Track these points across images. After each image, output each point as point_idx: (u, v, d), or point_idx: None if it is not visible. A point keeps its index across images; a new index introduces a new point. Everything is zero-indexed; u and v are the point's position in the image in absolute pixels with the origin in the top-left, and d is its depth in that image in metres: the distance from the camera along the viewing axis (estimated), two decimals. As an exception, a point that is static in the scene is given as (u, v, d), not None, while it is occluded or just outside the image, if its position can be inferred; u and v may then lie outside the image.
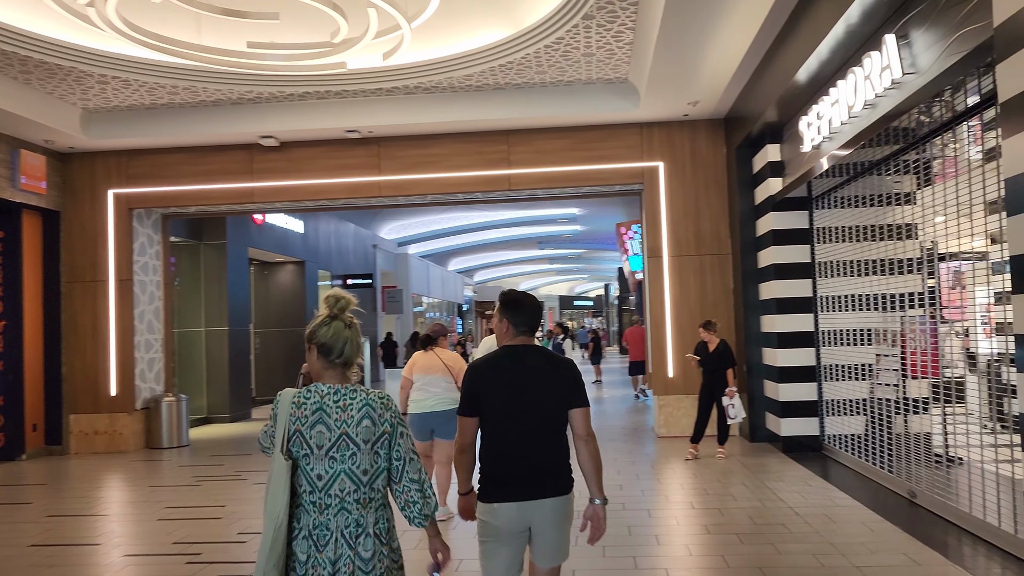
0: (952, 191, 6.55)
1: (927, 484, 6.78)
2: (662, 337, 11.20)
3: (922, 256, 7.61)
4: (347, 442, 2.65)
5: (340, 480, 2.63)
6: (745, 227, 10.51)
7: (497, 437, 3.29)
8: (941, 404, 8.07)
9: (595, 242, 36.59)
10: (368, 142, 11.71)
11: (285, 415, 2.70)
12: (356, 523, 2.63)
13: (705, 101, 10.40)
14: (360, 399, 2.72)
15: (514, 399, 3.28)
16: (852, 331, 8.72)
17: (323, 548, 2.60)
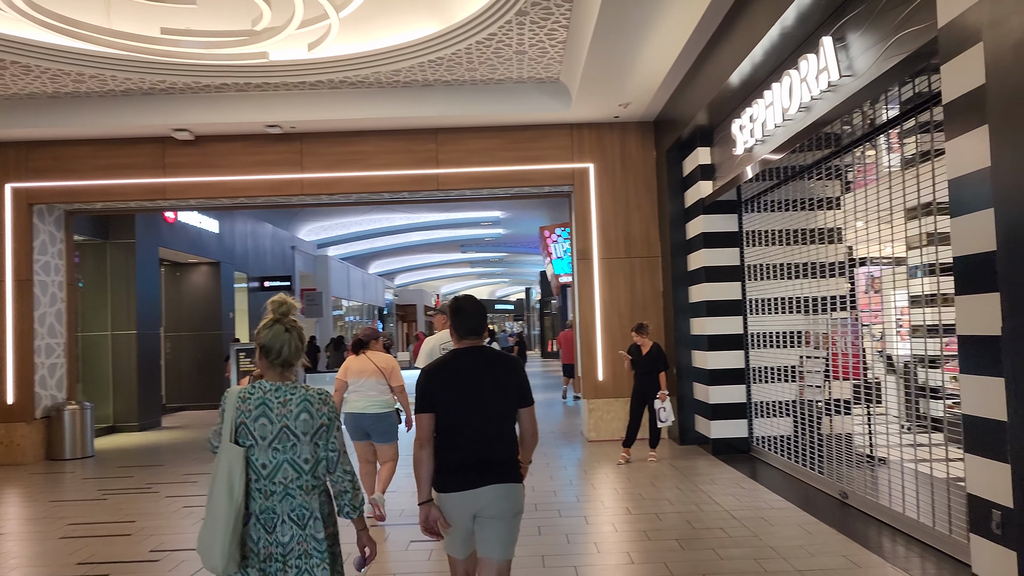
0: (872, 196, 6.67)
1: (857, 484, 6.83)
2: (592, 340, 11.11)
3: (844, 260, 7.74)
4: (288, 434, 2.86)
5: (283, 469, 2.85)
6: (675, 230, 10.52)
7: (450, 433, 3.47)
8: (863, 405, 8.25)
9: (518, 246, 36.54)
10: (290, 138, 11.25)
11: (232, 409, 2.88)
12: (302, 507, 2.86)
13: (636, 103, 10.37)
14: (299, 395, 2.92)
15: (465, 398, 3.47)
16: (780, 334, 8.80)
17: (272, 531, 2.83)
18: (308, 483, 2.88)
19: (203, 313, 18.28)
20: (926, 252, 6.90)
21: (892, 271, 7.66)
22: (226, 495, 2.78)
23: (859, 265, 8.05)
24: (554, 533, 6.29)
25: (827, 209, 8.02)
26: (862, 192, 7.02)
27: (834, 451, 7.66)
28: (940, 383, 6.99)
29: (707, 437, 9.78)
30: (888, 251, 7.34)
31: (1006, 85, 3.30)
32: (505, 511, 3.43)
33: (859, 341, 8.15)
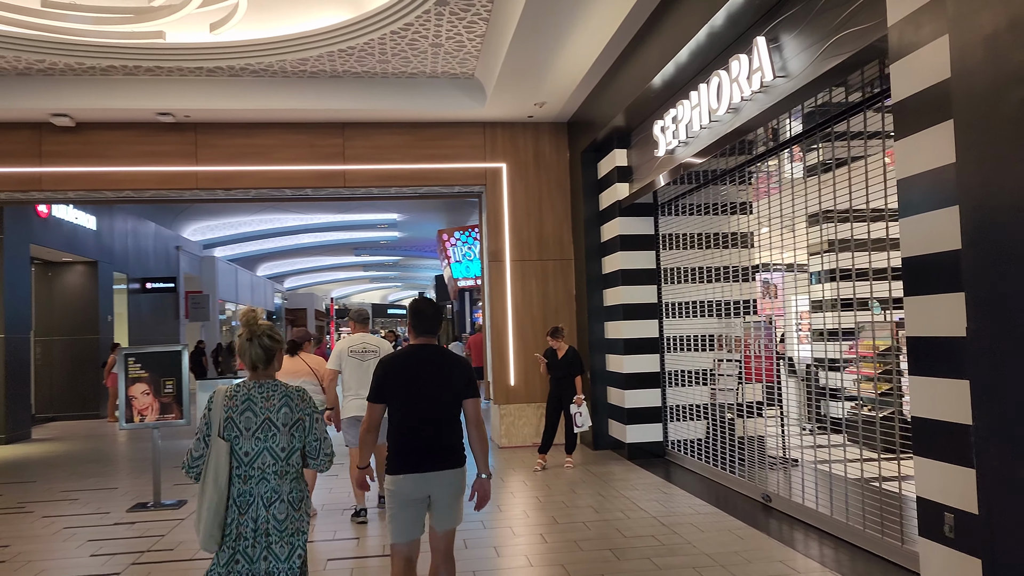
0: (776, 203, 6.75)
1: (779, 487, 6.83)
2: (504, 344, 10.86)
3: (751, 266, 7.82)
4: (269, 425, 3.23)
5: (263, 456, 3.21)
6: (590, 232, 10.40)
7: (402, 421, 3.85)
8: (776, 408, 8.34)
9: (413, 249, 36.02)
10: (184, 127, 10.49)
11: (220, 405, 3.24)
12: (273, 491, 3.20)
13: (552, 103, 10.20)
14: (280, 392, 3.31)
15: (417, 389, 3.84)
16: (694, 337, 8.81)
17: (245, 511, 3.16)
18: (282, 468, 3.25)
19: (79, 316, 16.96)
20: (826, 259, 7.08)
21: (794, 277, 7.81)
22: (212, 482, 3.16)
23: (762, 271, 8.19)
24: (482, 546, 5.97)
25: (738, 214, 8.08)
26: (769, 198, 7.08)
27: (753, 454, 7.68)
28: (841, 386, 7.09)
29: (622, 442, 9.68)
30: (789, 257, 7.46)
31: (975, 80, 3.23)
32: (452, 493, 3.88)
33: (772, 344, 8.25)
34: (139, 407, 7.87)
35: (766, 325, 8.29)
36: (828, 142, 5.90)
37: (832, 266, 6.60)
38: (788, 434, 7.39)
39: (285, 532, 3.20)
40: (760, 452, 7.83)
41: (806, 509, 6.27)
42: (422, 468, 3.79)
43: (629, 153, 9.50)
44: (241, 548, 3.15)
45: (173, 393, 7.86)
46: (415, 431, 3.82)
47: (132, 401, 7.87)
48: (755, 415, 8.35)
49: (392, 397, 3.85)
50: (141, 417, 7.86)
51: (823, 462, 6.84)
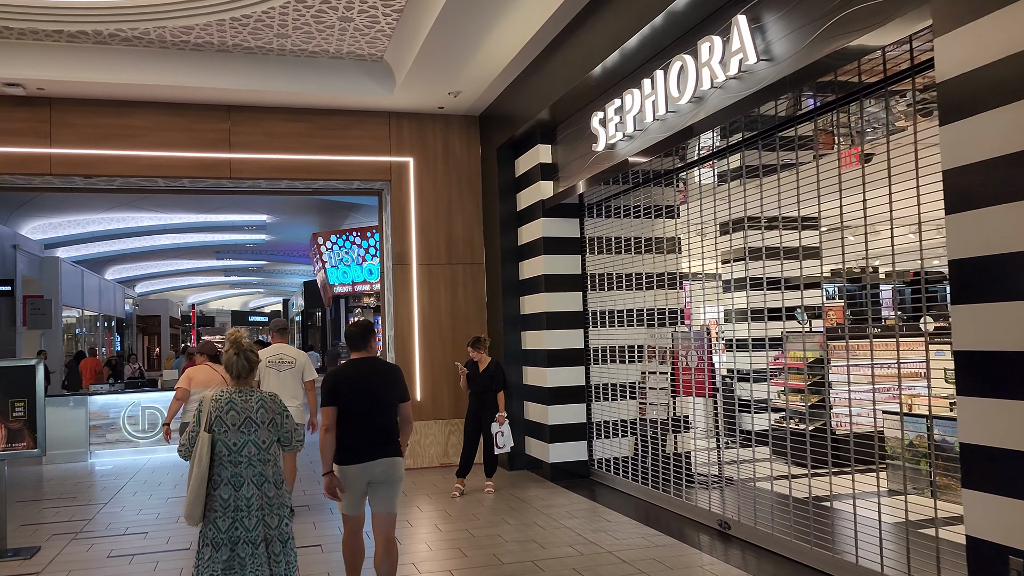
0: (696, 209, 6.29)
1: (736, 511, 6.29)
2: (409, 355, 9.91)
3: (678, 273, 7.40)
4: (250, 422, 3.92)
5: (247, 447, 3.89)
6: (506, 235, 9.64)
7: (349, 420, 4.53)
8: (712, 422, 7.89)
9: (280, 253, 34.18)
10: (36, 102, 8.93)
11: (208, 407, 3.92)
12: (260, 474, 3.89)
13: (467, 93, 9.38)
14: (256, 396, 4.00)
15: (361, 394, 4.57)
16: (622, 348, 8.24)
17: (239, 489, 3.85)
18: (264, 456, 3.91)
19: None
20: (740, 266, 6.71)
21: (717, 285, 7.43)
22: (196, 466, 3.79)
23: (688, 278, 7.77)
24: (421, 598, 5.07)
25: (666, 218, 7.61)
26: (703, 203, 6.63)
27: (693, 473, 7.15)
28: (757, 396, 6.74)
29: (541, 461, 8.97)
30: (708, 264, 7.10)
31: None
32: (392, 477, 4.60)
33: (705, 355, 7.79)
34: (-22, 435, 6.42)
35: (701, 335, 7.82)
36: (783, 144, 5.46)
37: (747, 273, 6.19)
38: (721, 450, 6.92)
39: (274, 505, 3.91)
40: (692, 470, 7.33)
41: (778, 539, 5.73)
42: (366, 458, 4.52)
43: (554, 149, 8.82)
44: (239, 518, 3.82)
45: (24, 417, 6.45)
46: (361, 429, 4.55)
47: (-31, 428, 6.41)
48: (692, 431, 7.90)
49: (343, 401, 4.54)
50: (-19, 448, 6.42)
51: (761, 479, 6.43)
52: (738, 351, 6.76)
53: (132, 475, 9.98)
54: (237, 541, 3.79)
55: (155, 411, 11.69)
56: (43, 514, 7.87)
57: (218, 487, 3.81)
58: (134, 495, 8.72)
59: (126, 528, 7.16)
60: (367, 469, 4.51)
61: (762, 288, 5.94)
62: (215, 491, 3.81)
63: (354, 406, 4.53)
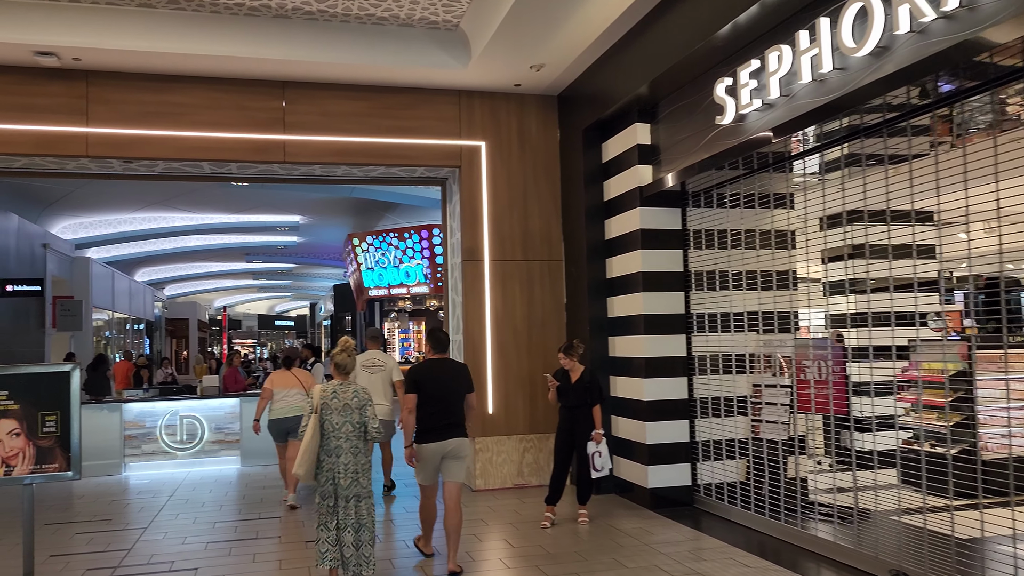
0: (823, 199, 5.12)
1: (908, 557, 5.15)
2: (480, 362, 8.84)
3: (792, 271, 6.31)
4: (348, 407, 5.13)
5: (345, 426, 5.11)
6: (590, 228, 8.55)
7: (426, 407, 5.73)
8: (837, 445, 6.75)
9: (311, 256, 33.39)
10: (72, 75, 7.98)
11: (318, 395, 5.13)
12: (355, 446, 5.13)
13: (550, 67, 8.32)
14: (352, 388, 5.22)
15: (437, 385, 5.77)
16: (733, 356, 7.13)
17: (339, 457, 5.08)
18: (358, 433, 5.17)
19: (-83, 323, 13.74)
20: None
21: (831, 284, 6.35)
22: (311, 439, 5.05)
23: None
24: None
25: (788, 208, 6.54)
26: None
27: (870, 513, 6.01)
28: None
29: (633, 484, 7.86)
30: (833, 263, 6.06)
31: None
32: (460, 453, 5.78)
33: (837, 367, 6.66)
34: (4, 453, 5.42)
35: (831, 343, 6.69)
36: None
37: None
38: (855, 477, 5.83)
39: (363, 471, 5.17)
40: (887, 510, 6.19)
41: None
42: (441, 438, 5.66)
43: (655, 128, 7.72)
44: (337, 479, 5.08)
45: (56, 433, 5.45)
46: (436, 414, 5.70)
47: (-8, 445, 5.41)
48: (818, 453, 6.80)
49: (422, 391, 5.69)
50: (7, 467, 5.42)
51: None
52: (860, 361, 5.76)
53: (171, 492, 8.99)
54: (337, 495, 5.10)
55: (194, 420, 10.72)
56: (75, 541, 6.88)
57: (325, 456, 5.12)
58: (176, 517, 7.72)
59: (172, 562, 6.15)
60: (441, 447, 5.70)
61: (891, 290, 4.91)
62: (322, 458, 5.12)
63: (431, 396, 5.73)
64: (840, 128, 5.55)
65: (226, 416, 10.85)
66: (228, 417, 10.85)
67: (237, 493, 8.86)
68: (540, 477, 8.83)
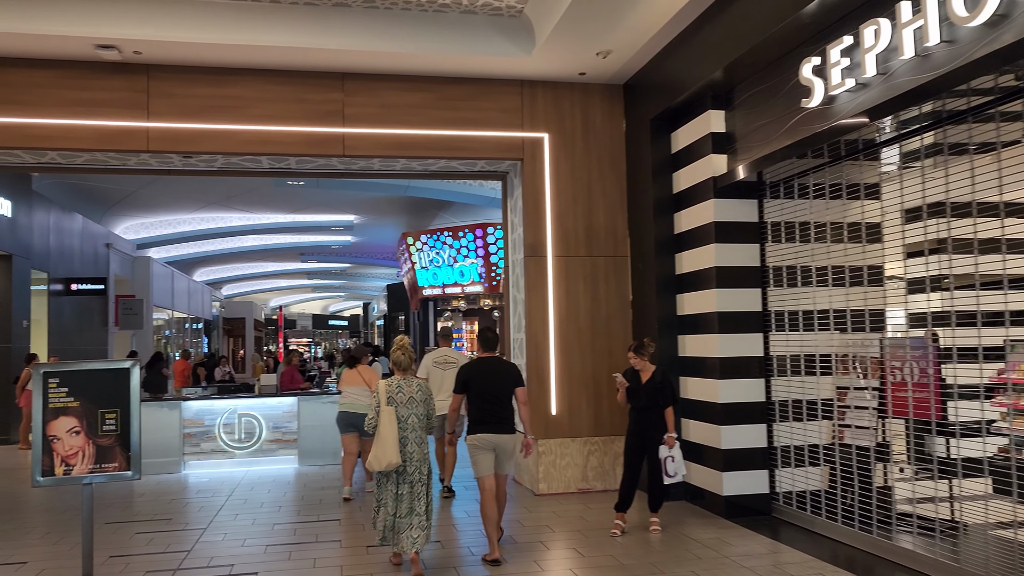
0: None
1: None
2: (543, 361, 8.54)
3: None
4: (413, 400, 5.70)
5: (411, 418, 5.68)
6: (659, 221, 8.18)
7: (478, 402, 6.04)
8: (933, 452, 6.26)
9: (365, 256, 33.50)
10: (133, 69, 7.91)
11: (383, 390, 5.67)
12: (419, 437, 5.70)
13: (617, 54, 7.97)
14: (416, 383, 5.79)
15: (487, 383, 6.06)
16: (814, 357, 6.69)
17: (405, 446, 5.63)
18: (421, 424, 5.75)
19: (-14, 320, 13.99)
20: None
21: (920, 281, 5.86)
22: (390, 427, 5.56)
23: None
24: None
25: (881, 199, 6.07)
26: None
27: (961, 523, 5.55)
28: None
29: (706, 491, 7.46)
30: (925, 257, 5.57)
31: None
32: (508, 447, 6.07)
33: (929, 368, 6.18)
34: (64, 452, 5.30)
35: (924, 343, 6.22)
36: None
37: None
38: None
39: (426, 459, 5.75)
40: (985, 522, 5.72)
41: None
42: (490, 431, 5.98)
43: (730, 116, 7.32)
44: (404, 465, 5.63)
45: (116, 432, 5.30)
46: (486, 409, 6.02)
47: (53, 443, 5.29)
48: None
49: (472, 388, 6.08)
50: (66, 467, 5.30)
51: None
52: (959, 362, 5.32)
53: (229, 492, 8.87)
54: (402, 481, 5.63)
55: (252, 419, 10.62)
56: (135, 541, 6.76)
57: None
58: (235, 518, 7.58)
59: (232, 566, 5.96)
60: (490, 439, 5.98)
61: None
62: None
63: (480, 393, 6.04)
64: (940, 110, 5.10)
65: (284, 415, 10.74)
66: (286, 416, 10.74)
67: (295, 494, 8.71)
68: (605, 482, 8.49)
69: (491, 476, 6.00)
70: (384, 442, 5.51)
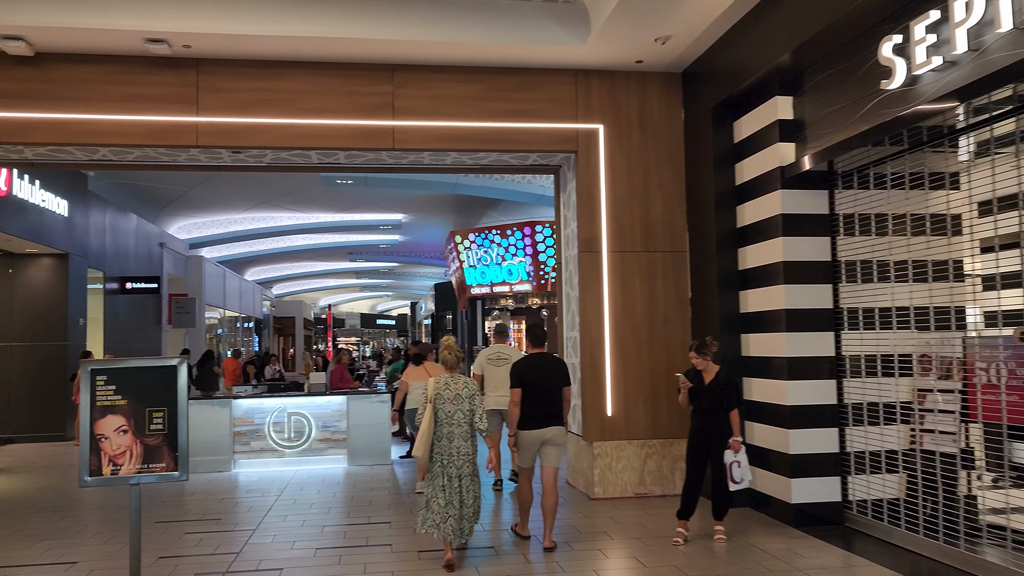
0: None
1: None
2: (599, 361, 8.24)
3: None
4: (459, 397, 5.88)
5: (457, 414, 5.85)
6: (720, 215, 7.82)
7: (528, 398, 6.21)
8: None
9: (412, 255, 33.50)
10: (182, 64, 7.82)
11: (431, 387, 5.88)
12: (466, 432, 5.89)
13: (677, 40, 7.63)
14: (463, 380, 5.98)
15: (538, 379, 6.25)
16: (890, 357, 6.27)
17: (452, 441, 5.82)
18: (467, 420, 5.90)
19: (44, 319, 14.20)
20: None
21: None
22: (429, 423, 5.78)
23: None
24: None
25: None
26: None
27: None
28: None
29: (772, 498, 7.08)
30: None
31: None
32: (557, 440, 6.27)
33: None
34: (111, 451, 5.18)
35: (1012, 342, 5.77)
36: None
37: None
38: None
39: (472, 453, 5.93)
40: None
41: None
42: (541, 426, 6.19)
43: (799, 102, 6.93)
44: (451, 460, 5.81)
45: (164, 431, 5.16)
46: (537, 405, 6.21)
47: (101, 442, 5.18)
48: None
49: (526, 384, 6.23)
50: (114, 466, 5.17)
51: None
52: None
53: (279, 492, 8.75)
54: (450, 475, 5.78)
55: (301, 418, 10.52)
56: (184, 541, 6.65)
57: (439, 440, 5.83)
58: (284, 519, 7.43)
59: (281, 569, 5.79)
60: (540, 434, 6.19)
61: None
62: (437, 442, 5.83)
63: (531, 388, 6.23)
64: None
65: (333, 414, 10.62)
66: (335, 415, 10.61)
67: (344, 494, 8.55)
68: (663, 486, 8.16)
69: (532, 468, 6.36)
70: (419, 438, 5.83)
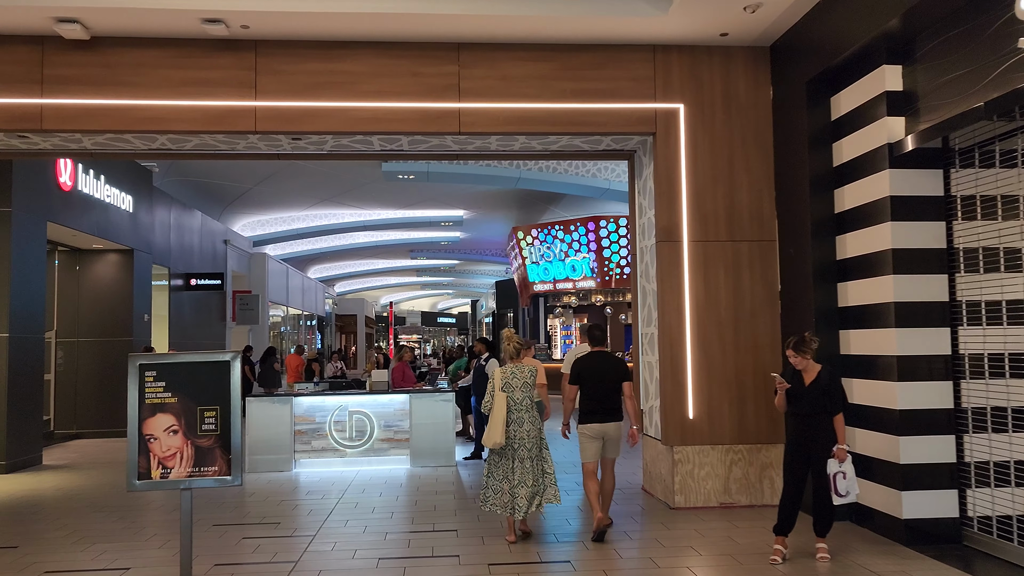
0: None
1: None
2: (679, 359, 7.63)
3: None
4: (526, 383, 6.38)
5: (525, 400, 6.34)
6: (816, 199, 7.13)
7: (589, 394, 6.46)
8: None
9: (474, 252, 33.19)
10: (240, 46, 7.48)
11: (499, 376, 6.38)
12: (533, 416, 6.34)
13: (767, 8, 6.97)
14: (527, 368, 6.48)
15: (597, 375, 6.48)
16: (1021, 356, 5.52)
17: (521, 426, 6.26)
18: (532, 404, 6.39)
19: (109, 315, 14.17)
20: None
21: None
22: (500, 411, 6.23)
23: None
24: None
25: None
26: None
27: None
28: None
29: (877, 512, 6.38)
30: None
31: None
32: (617, 435, 6.44)
33: None
34: (161, 453, 4.81)
35: None
36: None
37: None
38: None
39: (542, 436, 6.42)
40: None
41: None
42: (601, 420, 6.39)
43: (909, 71, 6.21)
44: (521, 443, 6.26)
45: (216, 432, 4.77)
46: (597, 399, 6.43)
47: (150, 443, 4.81)
48: None
49: (585, 381, 6.50)
50: (164, 469, 4.80)
51: None
52: None
53: (340, 494, 8.37)
54: (520, 457, 6.28)
55: (363, 417, 10.15)
56: (241, 547, 6.29)
57: (508, 424, 6.31)
58: (345, 524, 7.03)
59: (341, 582, 5.38)
60: (602, 429, 6.38)
61: None
62: (508, 427, 6.29)
63: (592, 385, 6.45)
64: None
65: (395, 413, 10.22)
66: (398, 414, 10.22)
67: (408, 498, 8.12)
68: (751, 496, 7.51)
69: (595, 462, 6.50)
70: (493, 424, 6.24)
